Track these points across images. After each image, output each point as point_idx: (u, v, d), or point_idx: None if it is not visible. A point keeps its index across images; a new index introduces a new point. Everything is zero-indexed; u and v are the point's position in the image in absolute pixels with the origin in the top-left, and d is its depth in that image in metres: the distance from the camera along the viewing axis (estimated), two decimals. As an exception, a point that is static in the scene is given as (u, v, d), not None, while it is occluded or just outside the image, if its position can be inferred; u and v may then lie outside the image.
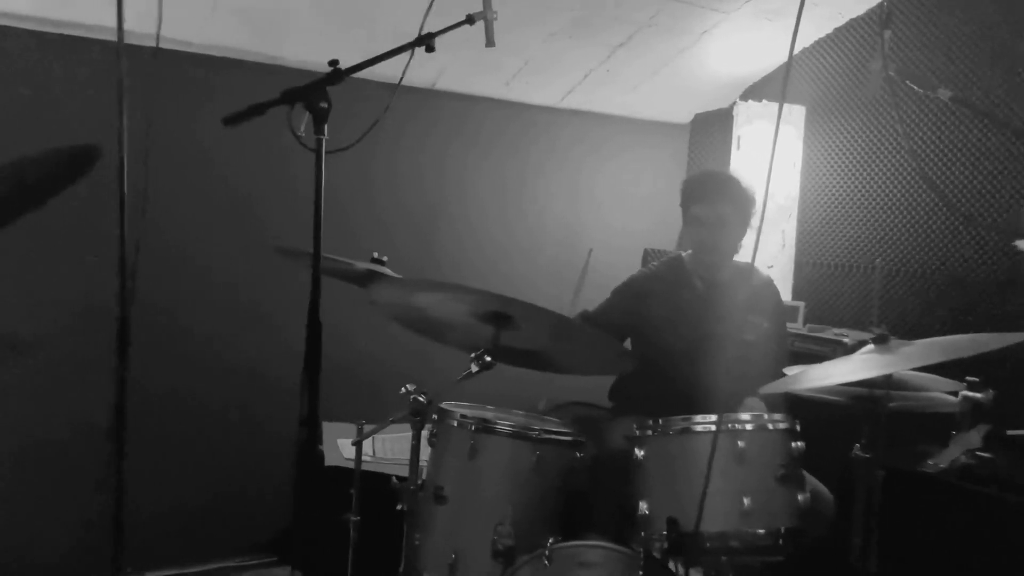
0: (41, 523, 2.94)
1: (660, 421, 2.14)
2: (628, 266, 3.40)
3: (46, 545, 2.97)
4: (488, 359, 2.15)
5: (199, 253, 3.33)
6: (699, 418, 2.10)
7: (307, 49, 3.29)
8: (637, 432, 2.17)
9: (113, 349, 2.22)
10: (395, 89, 2.24)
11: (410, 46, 2.19)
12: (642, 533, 2.07)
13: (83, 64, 2.97)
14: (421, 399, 2.21)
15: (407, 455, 2.96)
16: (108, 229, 2.22)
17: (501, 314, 2.15)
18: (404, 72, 2.24)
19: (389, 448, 3.04)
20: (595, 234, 4.25)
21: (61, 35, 3.01)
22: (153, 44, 2.36)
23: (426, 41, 2.19)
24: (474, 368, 2.16)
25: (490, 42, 2.33)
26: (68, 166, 1.88)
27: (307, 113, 1.99)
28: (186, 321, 3.31)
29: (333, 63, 2.03)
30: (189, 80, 3.13)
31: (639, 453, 2.14)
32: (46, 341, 2.22)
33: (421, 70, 2.21)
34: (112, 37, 2.22)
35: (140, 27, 2.31)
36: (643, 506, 2.08)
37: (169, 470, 3.20)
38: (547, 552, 2.08)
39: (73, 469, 2.92)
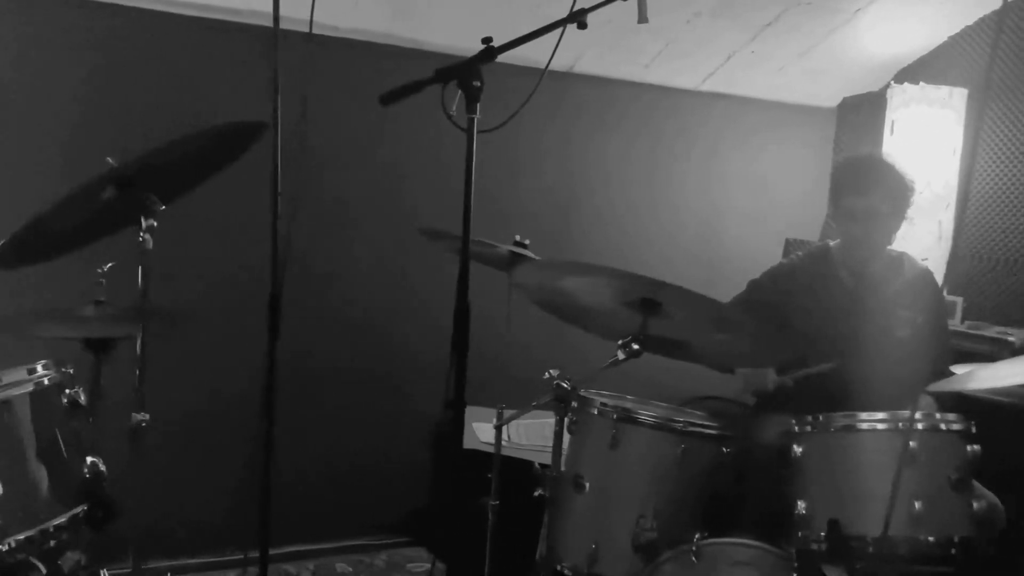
0: (193, 492, 3.06)
1: (820, 417, 2.03)
2: (768, 257, 3.27)
3: (198, 512, 3.08)
4: (636, 347, 2.08)
5: (349, 232, 3.40)
6: (864, 415, 1.98)
7: (447, 32, 3.29)
8: (796, 428, 2.06)
9: (265, 325, 2.30)
10: (539, 71, 2.19)
11: (562, 23, 2.13)
12: (799, 534, 1.97)
13: (241, 49, 3.07)
14: (565, 385, 2.16)
15: (541, 441, 2.96)
16: (262, 207, 2.29)
17: (651, 300, 2.08)
18: (555, 50, 2.18)
19: (523, 433, 3.02)
20: (734, 221, 4.11)
21: (220, 20, 3.11)
22: (306, 29, 2.40)
23: (578, 18, 2.13)
24: (620, 356, 2.09)
25: (643, 18, 2.24)
26: (233, 142, 1.93)
27: (459, 92, 1.97)
28: (336, 299, 3.37)
29: (486, 40, 1.99)
30: (337, 64, 3.18)
31: (797, 450, 2.03)
32: (203, 316, 2.30)
33: (559, 53, 2.17)
34: (268, 23, 2.28)
35: (294, 12, 2.34)
36: (801, 505, 1.98)
37: (311, 445, 3.28)
38: (694, 548, 2.01)
39: (224, 441, 3.03)
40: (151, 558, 1.95)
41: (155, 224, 1.78)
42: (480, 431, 2.95)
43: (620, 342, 2.10)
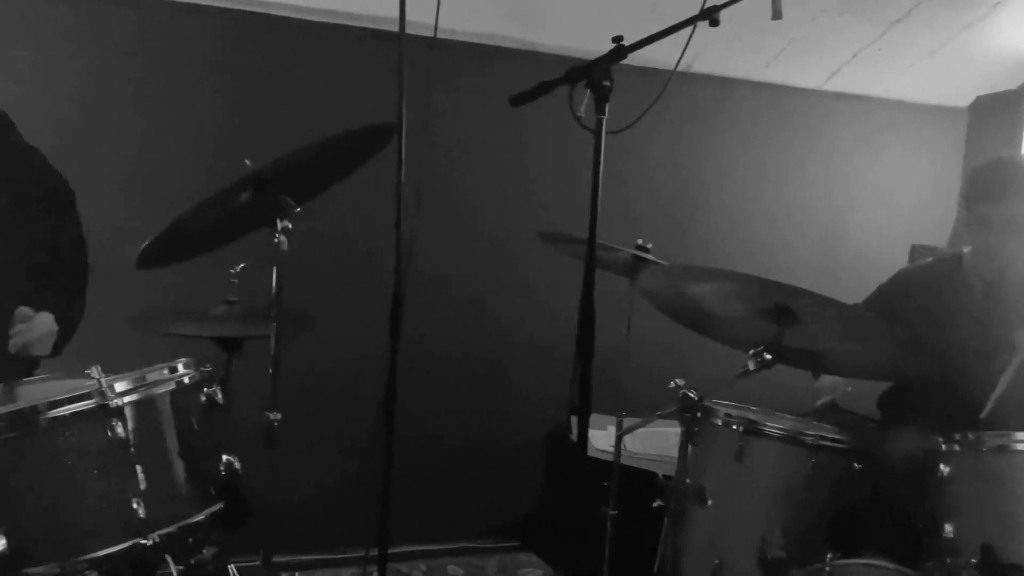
0: (317, 489, 3.10)
1: (971, 436, 1.91)
2: (892, 265, 3.12)
3: (322, 509, 3.12)
4: (768, 357, 2.00)
5: (471, 233, 3.42)
6: (1019, 435, 1.85)
7: (563, 34, 3.27)
8: (943, 446, 1.95)
9: (387, 326, 2.31)
10: (655, 71, 2.15)
11: (692, 20, 2.07)
12: (947, 560, 1.85)
13: (365, 53, 3.12)
14: (692, 395, 2.09)
15: (656, 450, 2.89)
16: (386, 209, 2.30)
17: (785, 308, 2.00)
18: (685, 48, 2.12)
19: (639, 442, 2.96)
20: (857, 226, 3.96)
21: (346, 26, 3.17)
22: (426, 33, 2.41)
23: (710, 15, 2.06)
24: (752, 366, 2.02)
25: (777, 14, 2.15)
26: (364, 145, 1.94)
27: (587, 92, 1.93)
28: (457, 300, 3.40)
29: (617, 39, 1.95)
30: (457, 67, 3.20)
31: (944, 469, 1.91)
32: (328, 316, 2.33)
33: (677, 51, 2.10)
34: (392, 27, 2.30)
35: (416, 17, 2.36)
36: (948, 528, 1.87)
37: (428, 445, 3.29)
38: (827, 569, 1.91)
39: (346, 439, 3.06)
40: (277, 552, 1.98)
41: (290, 226, 1.80)
42: (595, 438, 2.90)
43: (751, 352, 2.02)
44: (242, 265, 2.10)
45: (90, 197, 2.45)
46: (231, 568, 1.91)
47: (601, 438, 2.80)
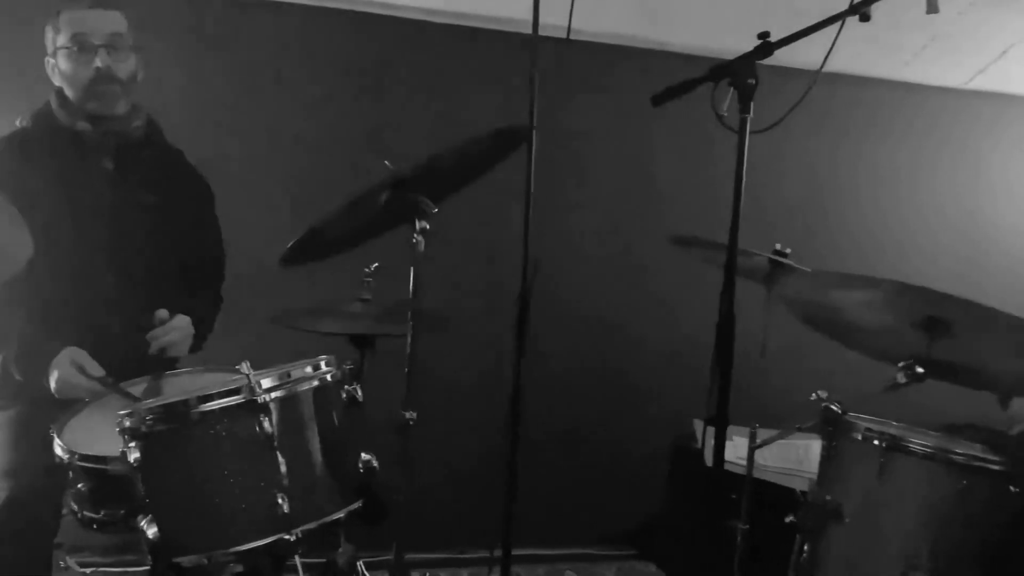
0: (446, 488, 3.12)
1: None
2: (1042, 278, 2.93)
3: (450, 508, 3.15)
4: (919, 370, 1.89)
5: (600, 235, 3.40)
6: None
7: (694, 33, 3.20)
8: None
9: (513, 330, 2.30)
10: (789, 69, 2.05)
11: (840, 16, 1.98)
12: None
13: (497, 55, 3.12)
14: (835, 408, 2.00)
15: (785, 463, 2.78)
16: (515, 210, 2.29)
17: (938, 319, 1.88)
18: (832, 45, 2.02)
19: (767, 455, 2.86)
20: (1004, 237, 3.73)
21: (478, 28, 3.20)
22: (558, 35, 2.39)
23: (860, 9, 1.97)
24: (901, 379, 1.91)
25: (932, 8, 2.05)
26: (499, 147, 1.93)
27: (731, 91, 1.87)
28: (584, 304, 3.36)
29: (763, 35, 1.89)
30: (589, 67, 3.17)
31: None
32: (458, 317, 2.33)
33: (810, 49, 2.01)
34: (526, 29, 2.29)
35: (548, 19, 2.34)
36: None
37: (551, 448, 3.27)
38: (981, 598, 1.79)
39: (473, 440, 3.06)
40: (406, 550, 1.99)
41: (427, 227, 1.81)
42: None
43: (901, 364, 1.91)
44: (375, 264, 2.12)
45: (229, 198, 2.53)
46: (359, 565, 1.93)
47: (729, 449, 2.72)
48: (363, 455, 1.64)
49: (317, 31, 3.11)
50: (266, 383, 1.52)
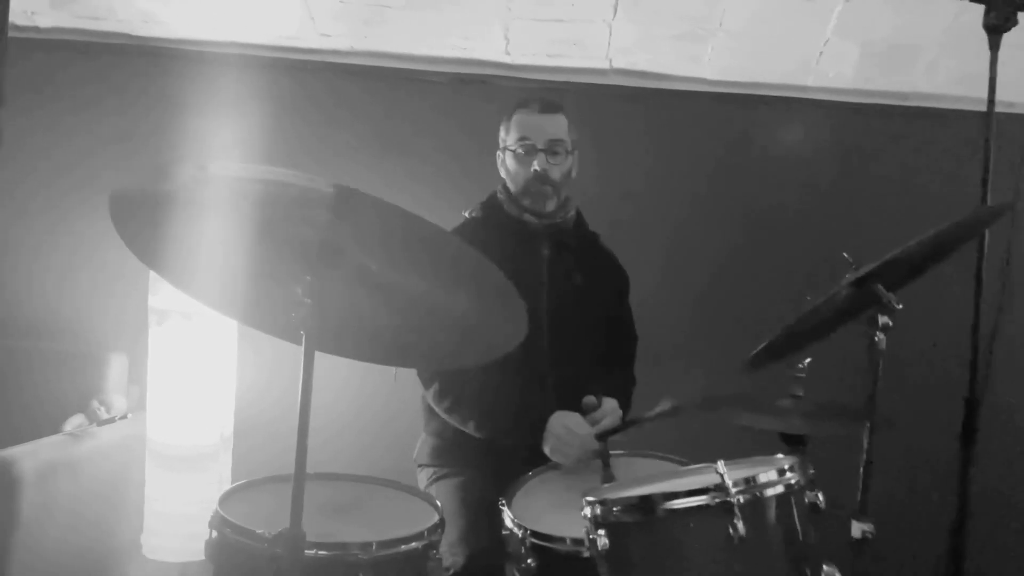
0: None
1: None
2: None
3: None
4: None
5: None
6: None
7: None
8: None
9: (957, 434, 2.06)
10: None
11: None
12: None
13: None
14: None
15: None
16: (964, 300, 2.06)
17: None
18: None
19: None
20: None
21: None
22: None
23: None
24: None
25: None
26: (959, 233, 1.76)
27: None
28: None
29: None
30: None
31: None
32: (896, 416, 2.13)
33: None
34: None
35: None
36: None
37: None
38: None
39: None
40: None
41: (890, 323, 1.68)
42: None
43: None
44: (808, 359, 2.01)
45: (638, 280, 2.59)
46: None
47: None
48: (825, 567, 1.54)
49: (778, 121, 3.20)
50: (732, 483, 1.48)
